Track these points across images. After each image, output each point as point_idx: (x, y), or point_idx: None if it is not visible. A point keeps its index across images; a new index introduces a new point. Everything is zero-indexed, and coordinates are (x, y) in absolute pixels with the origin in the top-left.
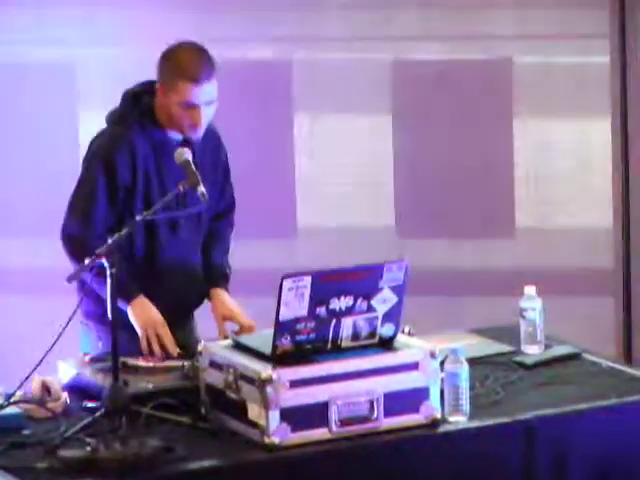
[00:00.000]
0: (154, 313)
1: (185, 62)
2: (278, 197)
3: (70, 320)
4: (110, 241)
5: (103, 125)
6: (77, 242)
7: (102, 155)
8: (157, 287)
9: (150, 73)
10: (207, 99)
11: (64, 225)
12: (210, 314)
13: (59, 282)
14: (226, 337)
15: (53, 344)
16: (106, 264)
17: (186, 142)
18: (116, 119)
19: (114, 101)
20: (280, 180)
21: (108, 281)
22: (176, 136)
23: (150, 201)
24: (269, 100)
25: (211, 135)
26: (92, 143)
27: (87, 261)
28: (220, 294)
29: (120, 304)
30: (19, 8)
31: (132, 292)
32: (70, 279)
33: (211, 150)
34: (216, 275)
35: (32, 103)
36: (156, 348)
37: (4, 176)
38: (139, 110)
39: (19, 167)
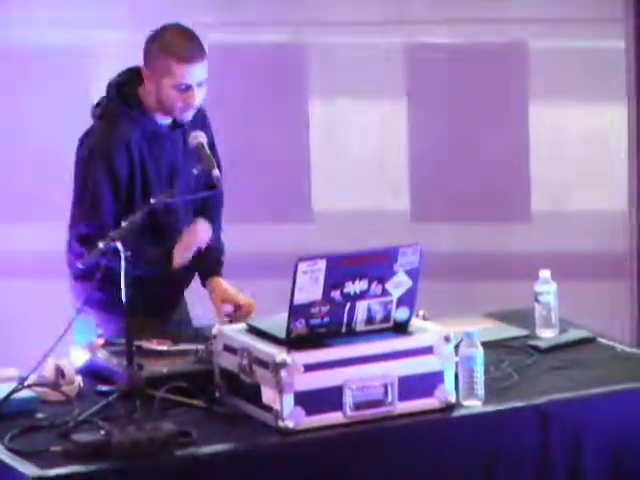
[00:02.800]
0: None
1: (175, 43)
2: (293, 181)
3: (83, 306)
4: (124, 224)
5: None
6: (88, 242)
7: (99, 153)
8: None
9: None
10: (200, 79)
11: (73, 227)
12: (199, 298)
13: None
14: (229, 317)
15: (67, 328)
16: (120, 247)
17: (176, 125)
18: (103, 113)
19: None
20: (295, 164)
21: (122, 264)
22: (165, 121)
23: (148, 189)
24: (284, 84)
25: (197, 113)
26: (84, 141)
27: (101, 245)
28: (216, 282)
29: (161, 266)
30: None
31: (164, 252)
32: (84, 263)
33: (199, 128)
34: (210, 263)
35: (51, 87)
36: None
37: (22, 162)
38: (125, 100)
39: (38, 152)
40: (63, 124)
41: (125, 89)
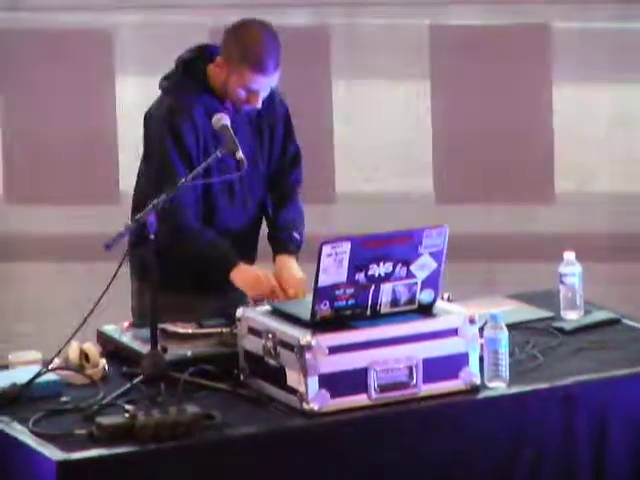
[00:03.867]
0: (255, 273)
1: (254, 51)
2: (316, 163)
3: (108, 287)
4: (150, 206)
5: (140, 89)
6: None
7: (168, 128)
8: None
9: (185, 36)
10: (269, 88)
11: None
12: None
13: (99, 249)
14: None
15: (91, 311)
16: (146, 229)
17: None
18: (172, 88)
19: (150, 65)
20: (318, 146)
21: (148, 245)
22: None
23: (209, 167)
24: (306, 66)
25: (281, 108)
26: (151, 115)
27: (126, 226)
28: (282, 260)
29: (220, 271)
30: None
31: (233, 260)
32: (109, 246)
33: (265, 105)
34: (280, 241)
35: (70, 68)
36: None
37: (43, 141)
38: (193, 78)
39: (58, 132)
40: (84, 105)
41: (193, 66)
